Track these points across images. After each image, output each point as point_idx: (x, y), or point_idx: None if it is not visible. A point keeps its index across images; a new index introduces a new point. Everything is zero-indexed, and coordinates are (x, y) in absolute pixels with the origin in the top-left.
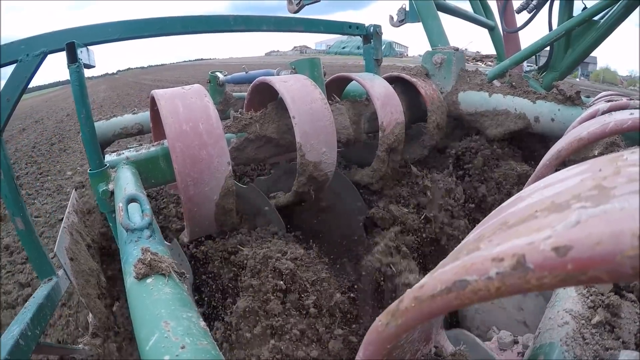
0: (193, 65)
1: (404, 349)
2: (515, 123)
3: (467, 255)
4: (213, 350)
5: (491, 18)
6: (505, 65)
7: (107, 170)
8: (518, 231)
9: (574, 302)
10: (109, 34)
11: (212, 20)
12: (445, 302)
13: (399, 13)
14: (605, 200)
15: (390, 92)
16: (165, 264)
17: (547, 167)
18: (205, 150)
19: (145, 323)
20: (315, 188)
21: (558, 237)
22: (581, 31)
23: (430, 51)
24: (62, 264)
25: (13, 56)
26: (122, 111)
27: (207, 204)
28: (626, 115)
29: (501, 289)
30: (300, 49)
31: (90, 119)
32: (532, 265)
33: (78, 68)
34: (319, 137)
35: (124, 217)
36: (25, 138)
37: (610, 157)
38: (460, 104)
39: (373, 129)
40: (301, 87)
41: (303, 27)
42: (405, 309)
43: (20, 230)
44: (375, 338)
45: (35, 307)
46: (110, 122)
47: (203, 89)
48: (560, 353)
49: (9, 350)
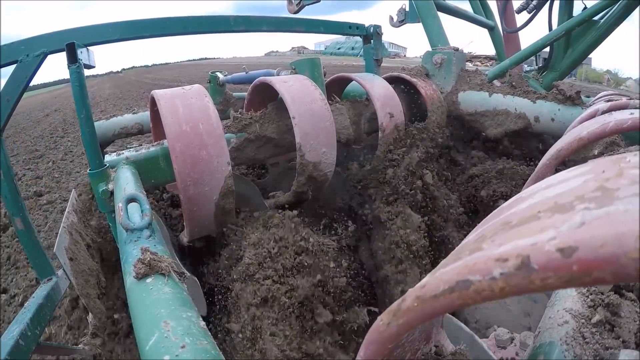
0: (194, 64)
1: (405, 348)
2: (515, 123)
3: (469, 255)
4: (213, 350)
5: (491, 18)
6: (505, 65)
7: (107, 170)
8: (521, 231)
9: (573, 301)
10: (109, 34)
11: (212, 20)
12: (448, 302)
13: (399, 13)
14: (608, 201)
15: (390, 92)
16: (164, 263)
17: (547, 167)
18: (205, 151)
19: (145, 323)
20: (315, 188)
21: (563, 238)
22: (581, 31)
23: (430, 51)
24: (62, 264)
25: (13, 56)
26: (124, 104)
27: (207, 204)
28: (626, 115)
29: (505, 289)
30: (298, 50)
31: (90, 119)
32: (536, 266)
33: (78, 68)
34: (319, 137)
35: (123, 217)
36: (52, 119)
37: (613, 159)
38: (460, 104)
39: (373, 129)
40: (301, 87)
41: (303, 27)
42: (407, 308)
43: (20, 230)
44: (377, 337)
45: (35, 307)
46: (110, 122)
47: (203, 89)
48: (560, 352)
49: (9, 350)
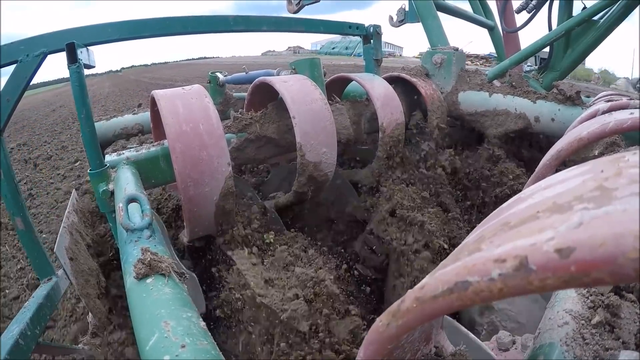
0: (193, 64)
1: (405, 349)
2: (516, 123)
3: (469, 256)
4: (213, 350)
5: (491, 18)
6: (505, 65)
7: (107, 171)
8: (520, 232)
9: (573, 303)
10: (109, 34)
11: (212, 20)
12: (447, 303)
13: (399, 13)
14: (607, 201)
15: (390, 92)
16: (165, 264)
17: (547, 167)
18: (205, 151)
19: (145, 323)
20: (315, 188)
21: (561, 239)
22: (581, 31)
23: (430, 51)
24: (62, 264)
25: (13, 56)
26: (122, 100)
27: (207, 204)
28: (626, 115)
29: (504, 290)
30: (294, 50)
31: (91, 119)
32: (534, 267)
33: (78, 68)
34: (319, 137)
35: (124, 217)
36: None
37: (611, 158)
38: (460, 104)
39: (373, 129)
40: (301, 87)
41: (303, 27)
42: (406, 309)
43: (20, 230)
44: (376, 338)
45: (35, 307)
46: (111, 123)
47: (203, 90)
48: (560, 353)
49: (8, 350)
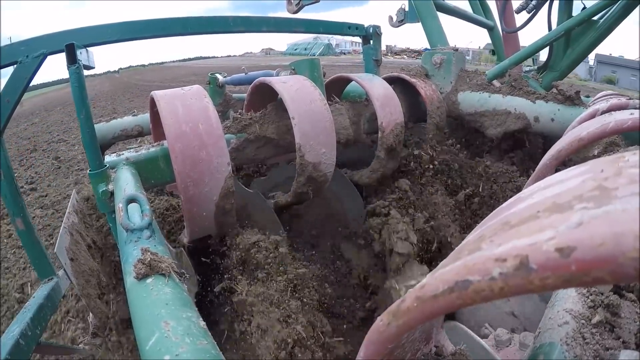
0: (189, 64)
1: (405, 349)
2: (515, 123)
3: (469, 255)
4: (213, 350)
5: (490, 18)
6: (505, 65)
7: (107, 171)
8: (520, 231)
9: (574, 302)
10: (109, 35)
11: (211, 21)
12: (448, 302)
13: (398, 13)
14: (607, 201)
15: (390, 92)
16: (165, 264)
17: (547, 167)
18: (205, 151)
19: (145, 323)
20: (315, 188)
21: (561, 238)
22: (580, 31)
23: (430, 51)
24: (63, 264)
25: (13, 57)
26: (118, 100)
27: (207, 204)
28: (626, 115)
29: (504, 289)
30: (266, 51)
31: (90, 120)
32: (535, 266)
33: (78, 69)
34: (319, 137)
35: (123, 217)
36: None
37: (611, 158)
38: (460, 104)
39: (373, 130)
40: (301, 87)
41: (303, 27)
42: (406, 308)
43: (21, 230)
44: (377, 338)
45: (36, 307)
46: (110, 124)
47: (202, 90)
48: (560, 353)
49: (9, 350)
